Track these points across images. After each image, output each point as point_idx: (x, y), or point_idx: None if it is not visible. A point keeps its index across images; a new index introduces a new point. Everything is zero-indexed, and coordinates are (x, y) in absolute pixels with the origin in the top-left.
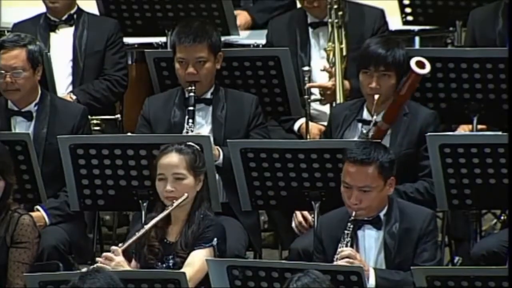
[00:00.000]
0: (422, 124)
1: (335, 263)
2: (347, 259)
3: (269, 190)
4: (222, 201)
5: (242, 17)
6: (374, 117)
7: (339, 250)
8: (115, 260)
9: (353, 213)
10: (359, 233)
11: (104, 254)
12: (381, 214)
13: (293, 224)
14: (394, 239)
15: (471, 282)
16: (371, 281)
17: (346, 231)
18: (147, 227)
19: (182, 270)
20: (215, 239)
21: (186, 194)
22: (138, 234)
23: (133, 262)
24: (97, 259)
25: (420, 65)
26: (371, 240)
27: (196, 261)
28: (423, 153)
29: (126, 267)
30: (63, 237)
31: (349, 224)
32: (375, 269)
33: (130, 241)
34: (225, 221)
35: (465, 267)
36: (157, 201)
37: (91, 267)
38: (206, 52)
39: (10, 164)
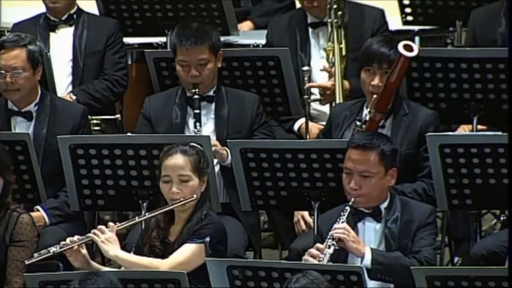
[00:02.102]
0: (422, 124)
1: (329, 239)
2: (342, 231)
3: (269, 190)
4: (222, 201)
5: (246, 28)
6: (369, 109)
7: (333, 227)
8: (107, 234)
9: (352, 199)
10: (359, 225)
11: (99, 226)
12: (382, 207)
13: (296, 229)
14: (394, 231)
15: (471, 282)
16: (367, 256)
17: (342, 213)
18: (148, 215)
19: (178, 268)
20: (209, 237)
21: (195, 195)
22: (136, 219)
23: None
24: (92, 230)
25: (408, 48)
26: (371, 232)
27: (182, 253)
28: (422, 153)
29: (115, 244)
30: (63, 237)
31: (346, 208)
32: (371, 248)
33: (126, 223)
34: (225, 221)
35: (465, 267)
36: (161, 199)
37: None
38: (207, 54)
39: (9, 163)
